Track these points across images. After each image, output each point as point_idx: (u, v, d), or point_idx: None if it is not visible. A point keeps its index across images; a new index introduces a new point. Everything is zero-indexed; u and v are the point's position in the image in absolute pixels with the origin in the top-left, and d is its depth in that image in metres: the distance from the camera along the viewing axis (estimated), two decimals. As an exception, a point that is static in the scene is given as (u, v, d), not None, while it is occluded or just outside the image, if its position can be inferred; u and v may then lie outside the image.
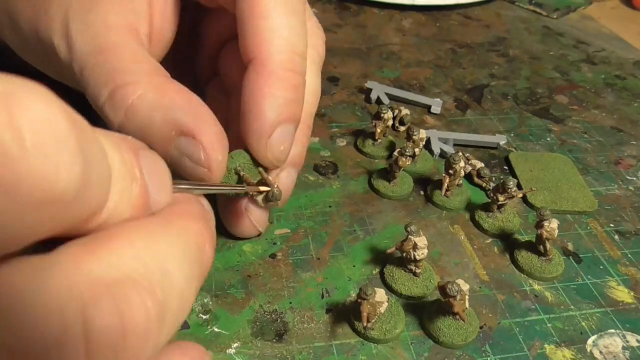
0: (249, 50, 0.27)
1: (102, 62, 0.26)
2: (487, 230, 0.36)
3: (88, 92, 0.26)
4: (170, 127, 0.25)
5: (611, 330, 0.31)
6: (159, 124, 0.25)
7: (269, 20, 0.26)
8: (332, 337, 0.29)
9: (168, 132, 0.25)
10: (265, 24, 0.26)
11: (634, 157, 0.45)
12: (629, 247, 0.36)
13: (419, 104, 0.49)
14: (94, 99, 0.26)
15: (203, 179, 0.25)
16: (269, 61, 0.26)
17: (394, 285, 0.32)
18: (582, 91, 0.54)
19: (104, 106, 0.26)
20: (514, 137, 0.46)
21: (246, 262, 0.33)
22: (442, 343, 0.29)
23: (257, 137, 0.27)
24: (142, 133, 0.25)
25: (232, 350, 0.28)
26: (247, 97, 0.27)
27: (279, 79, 0.26)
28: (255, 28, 0.26)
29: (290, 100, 0.27)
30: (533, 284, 0.33)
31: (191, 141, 0.25)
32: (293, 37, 0.27)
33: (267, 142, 0.27)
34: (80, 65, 0.26)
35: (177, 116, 0.25)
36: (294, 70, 0.27)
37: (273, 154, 0.27)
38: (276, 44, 0.26)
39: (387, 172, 0.39)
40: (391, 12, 0.68)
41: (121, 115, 0.25)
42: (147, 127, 0.25)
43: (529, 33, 0.65)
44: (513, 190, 0.35)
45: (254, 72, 0.27)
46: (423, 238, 0.31)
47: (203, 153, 0.25)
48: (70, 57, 0.27)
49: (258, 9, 0.26)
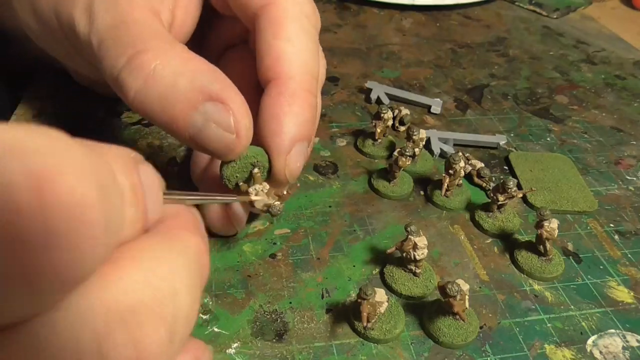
0: (271, 69, 0.28)
1: (123, 33, 0.26)
2: (487, 230, 0.36)
3: (104, 63, 0.26)
4: (197, 92, 0.25)
5: (611, 330, 0.31)
6: (184, 89, 0.25)
7: (290, 43, 0.28)
8: (332, 337, 0.29)
9: (194, 98, 0.25)
10: (287, 46, 0.28)
11: (634, 157, 0.45)
12: (629, 247, 0.36)
13: (419, 104, 0.49)
14: (110, 67, 0.26)
15: (228, 146, 0.26)
16: (290, 82, 0.28)
17: (394, 285, 0.32)
18: (582, 91, 0.54)
19: (120, 72, 0.25)
20: (514, 137, 0.46)
21: (246, 262, 0.33)
22: (442, 343, 0.29)
23: (277, 153, 0.28)
24: (161, 99, 0.25)
25: (232, 350, 0.28)
26: (268, 115, 0.28)
27: (299, 99, 0.28)
28: (278, 50, 0.28)
29: (307, 120, 0.28)
30: (533, 284, 0.33)
31: (220, 106, 0.25)
32: (311, 60, 0.29)
33: (286, 159, 0.28)
34: (100, 38, 0.26)
35: (205, 82, 0.25)
36: (311, 92, 0.28)
37: (290, 169, 0.28)
38: (297, 66, 0.28)
39: (387, 172, 0.39)
40: (391, 12, 0.68)
41: (140, 81, 0.25)
42: (170, 93, 0.24)
43: (529, 33, 0.65)
44: (513, 190, 0.35)
45: (275, 91, 0.28)
46: (423, 238, 0.31)
47: (233, 118, 0.25)
48: (89, 30, 0.27)
49: (282, 32, 0.28)
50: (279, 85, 0.28)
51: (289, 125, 0.27)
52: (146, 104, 0.25)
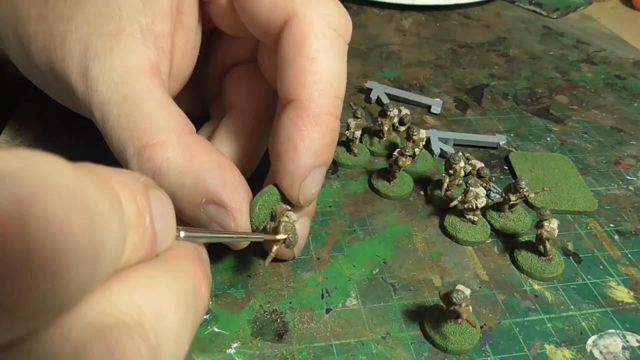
0: (291, 90, 0.26)
1: (126, 114, 0.25)
2: (498, 231, 0.36)
3: (112, 145, 0.26)
4: (200, 195, 0.25)
5: (611, 330, 0.31)
6: (188, 190, 0.25)
7: (314, 63, 0.26)
8: (332, 337, 0.29)
9: (198, 200, 0.25)
10: (311, 66, 0.26)
11: (634, 157, 0.45)
12: (629, 247, 0.36)
13: (419, 104, 0.49)
14: (120, 153, 0.26)
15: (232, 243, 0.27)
16: (311, 105, 0.26)
17: (458, 235, 0.35)
18: (582, 91, 0.54)
19: (130, 162, 0.25)
20: (514, 137, 0.46)
21: (246, 262, 0.33)
22: (450, 351, 0.29)
23: (291, 180, 0.27)
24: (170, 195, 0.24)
25: (232, 350, 0.28)
26: (285, 138, 0.26)
27: (319, 123, 0.26)
28: (300, 69, 0.26)
29: (326, 144, 0.27)
30: (533, 284, 0.33)
31: (222, 210, 0.25)
32: (337, 81, 0.27)
33: (300, 186, 0.27)
34: (102, 115, 0.26)
35: (207, 185, 0.25)
36: (334, 115, 0.27)
37: (304, 196, 0.27)
38: (321, 87, 0.26)
39: (387, 172, 0.39)
40: (391, 12, 0.68)
41: (150, 174, 0.25)
42: (178, 191, 0.25)
43: (529, 33, 0.65)
44: (525, 190, 0.35)
45: (294, 114, 0.26)
46: (481, 188, 0.35)
47: (233, 222, 0.25)
48: (89, 101, 0.26)
49: (305, 49, 0.26)
50: (298, 107, 0.26)
51: (307, 152, 0.26)
52: None
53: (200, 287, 0.19)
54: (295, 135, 0.26)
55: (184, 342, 0.17)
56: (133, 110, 0.25)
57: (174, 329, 0.16)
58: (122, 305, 0.15)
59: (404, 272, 0.33)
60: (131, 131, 0.25)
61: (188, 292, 0.18)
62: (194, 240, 0.21)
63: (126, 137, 0.25)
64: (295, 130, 0.26)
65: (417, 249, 0.35)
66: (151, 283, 0.16)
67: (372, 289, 0.32)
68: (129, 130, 0.25)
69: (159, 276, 0.16)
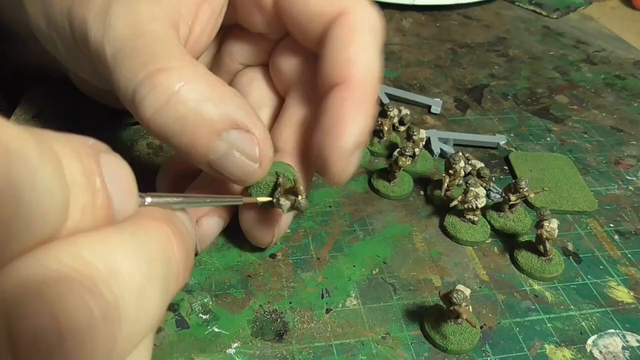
0: (341, 73, 0.28)
1: (142, 45, 0.24)
2: (498, 231, 0.36)
3: (117, 75, 0.24)
4: (222, 119, 0.24)
5: (611, 330, 0.31)
6: (209, 114, 0.24)
7: (362, 53, 0.28)
8: (332, 337, 0.29)
9: (219, 124, 0.24)
10: (360, 55, 0.28)
11: (634, 157, 0.45)
12: (629, 247, 0.36)
13: (419, 104, 0.49)
14: (125, 80, 0.24)
15: (249, 175, 0.25)
16: (358, 88, 0.28)
17: (458, 235, 0.35)
18: (582, 91, 0.54)
19: (138, 88, 0.24)
20: (514, 137, 0.46)
21: (246, 262, 0.33)
22: (451, 351, 0.29)
23: (338, 157, 0.27)
24: (182, 122, 0.23)
25: (232, 350, 0.28)
26: (334, 118, 0.27)
27: (364, 108, 0.27)
28: (351, 55, 0.28)
29: (366, 129, 0.28)
30: (533, 284, 0.33)
31: (245, 135, 0.24)
32: (377, 73, 0.29)
33: (345, 163, 0.27)
34: (115, 47, 0.25)
35: (231, 109, 0.24)
36: (373, 103, 0.28)
37: (347, 173, 0.28)
38: (367, 73, 0.28)
39: (387, 172, 0.39)
40: (391, 12, 0.68)
41: (161, 101, 0.23)
42: (193, 117, 0.23)
43: (529, 33, 0.65)
44: (525, 190, 0.35)
45: (342, 95, 0.27)
46: (481, 188, 0.35)
47: (258, 148, 0.25)
48: (102, 37, 0.25)
49: (356, 40, 0.28)
50: (346, 90, 0.27)
51: (354, 131, 0.27)
52: (165, 126, 0.24)
53: (169, 244, 0.18)
54: (345, 116, 0.27)
55: (152, 296, 0.16)
56: (150, 44, 0.24)
57: (136, 283, 0.15)
58: (67, 259, 0.14)
59: (404, 272, 0.33)
60: (145, 58, 0.24)
61: (151, 248, 0.17)
62: (166, 207, 0.20)
63: (139, 64, 0.24)
64: (345, 111, 0.27)
65: (417, 249, 0.35)
66: (103, 239, 0.15)
67: (372, 289, 0.32)
68: (143, 57, 0.24)
69: (113, 233, 0.16)
